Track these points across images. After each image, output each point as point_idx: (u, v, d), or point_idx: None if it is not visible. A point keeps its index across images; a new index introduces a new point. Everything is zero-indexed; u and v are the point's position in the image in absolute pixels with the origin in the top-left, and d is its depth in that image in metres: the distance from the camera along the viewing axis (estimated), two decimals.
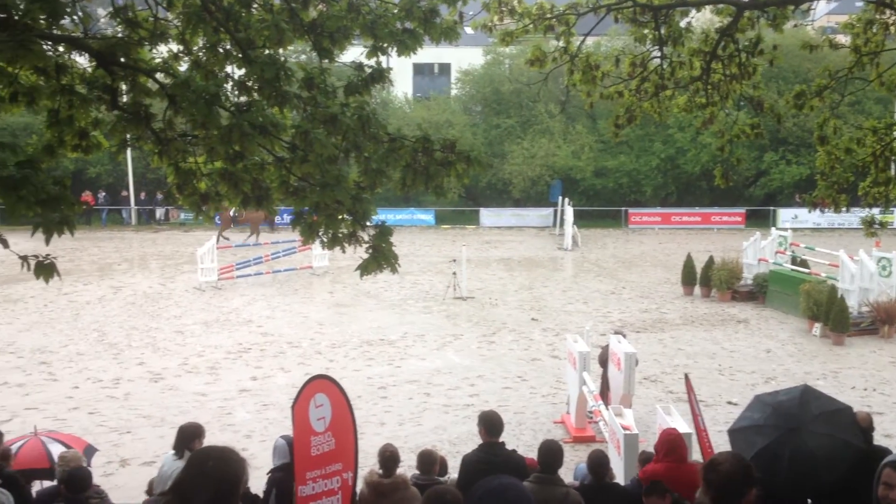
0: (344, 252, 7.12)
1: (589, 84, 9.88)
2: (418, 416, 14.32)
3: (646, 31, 9.65)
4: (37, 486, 8.94)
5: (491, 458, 7.50)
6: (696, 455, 9.20)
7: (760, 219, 40.76)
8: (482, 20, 9.54)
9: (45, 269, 5.98)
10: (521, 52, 36.82)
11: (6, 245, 6.00)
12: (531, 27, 9.41)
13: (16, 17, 5.50)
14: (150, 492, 8.29)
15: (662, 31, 9.55)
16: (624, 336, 13.70)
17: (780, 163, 41.98)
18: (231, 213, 33.24)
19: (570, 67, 9.82)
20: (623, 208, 42.69)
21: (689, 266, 25.46)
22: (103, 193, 41.96)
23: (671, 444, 7.50)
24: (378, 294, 25.02)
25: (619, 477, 9.27)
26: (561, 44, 9.72)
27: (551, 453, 6.89)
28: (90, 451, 9.52)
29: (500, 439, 7.83)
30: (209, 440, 8.36)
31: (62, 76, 6.31)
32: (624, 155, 42.95)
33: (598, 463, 7.52)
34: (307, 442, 6.67)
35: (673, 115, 10.83)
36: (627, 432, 10.10)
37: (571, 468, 10.08)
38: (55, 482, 8.30)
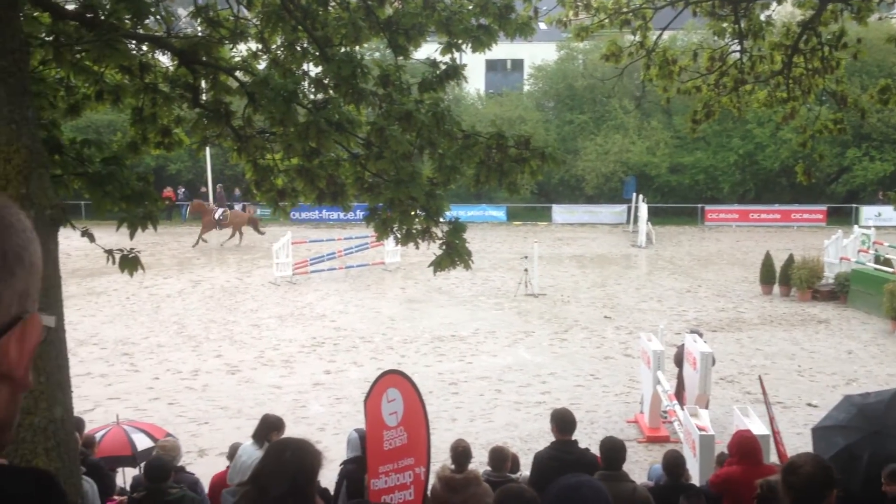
0: (417, 248, 7.15)
1: (666, 79, 9.74)
2: (489, 413, 14.32)
3: (725, 24, 9.47)
4: (120, 475, 9.23)
5: (563, 455, 7.45)
6: (772, 457, 9.00)
7: (842, 216, 39.58)
8: (557, 15, 9.48)
9: (130, 263, 6.17)
10: (596, 48, 36.45)
11: (92, 239, 6.21)
12: (607, 22, 9.32)
13: (102, 17, 5.67)
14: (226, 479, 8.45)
15: (742, 25, 9.35)
16: (700, 335, 13.47)
17: (863, 159, 40.70)
18: (216, 216, 33.52)
19: (647, 62, 9.70)
20: (699, 205, 41.91)
21: (767, 264, 24.86)
22: (182, 189, 42.99)
23: (747, 445, 7.34)
24: (449, 290, 25.08)
25: (695, 478, 9.12)
26: (637, 38, 9.59)
27: (614, 449, 6.82)
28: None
29: (573, 437, 7.78)
30: (285, 432, 8.51)
31: (146, 75, 6.49)
32: (700, 151, 42.17)
33: (675, 463, 7.41)
34: (380, 436, 6.73)
35: (752, 109, 10.59)
36: (703, 433, 9.92)
37: (645, 468, 9.96)
38: (137, 470, 8.55)
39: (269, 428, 8.17)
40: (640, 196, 37.59)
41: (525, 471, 8.31)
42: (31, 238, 1.02)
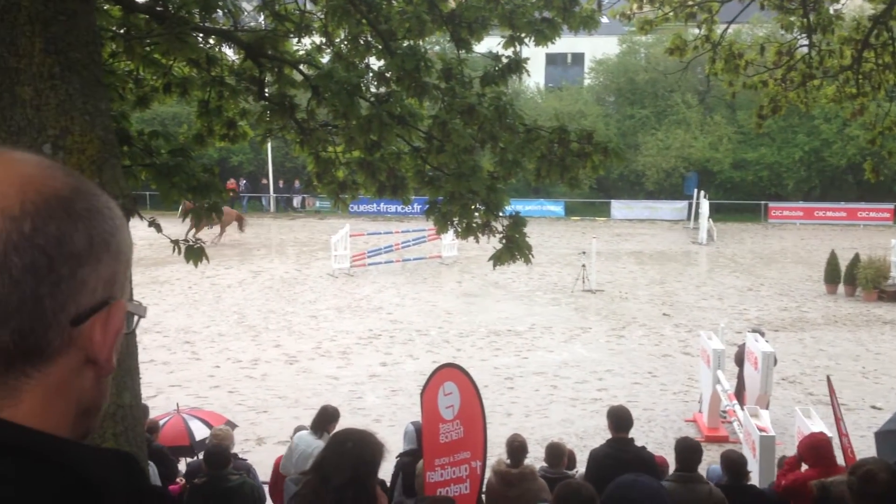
0: (478, 242, 7.16)
1: (731, 73, 9.58)
2: (545, 409, 14.27)
3: (793, 18, 9.26)
4: (182, 463, 9.40)
5: (619, 453, 7.39)
6: (839, 461, 8.80)
7: None
8: (621, 8, 9.39)
9: (195, 254, 6.28)
10: (658, 41, 35.94)
11: (159, 229, 6.34)
12: (671, 15, 9.19)
13: (171, 11, 5.78)
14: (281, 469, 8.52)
15: (811, 19, 9.14)
16: (761, 334, 13.23)
17: None
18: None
19: (712, 56, 9.54)
20: (763, 202, 41.14)
21: (832, 263, 24.29)
22: (244, 181, 43.64)
23: (821, 448, 7.14)
24: (506, 285, 25.03)
25: (755, 479, 8.97)
26: (703, 32, 9.45)
27: (690, 450, 6.72)
28: (229, 426, 9.88)
29: (630, 435, 7.71)
30: (341, 423, 8.59)
31: (213, 68, 6.60)
32: (765, 147, 41.34)
33: (737, 462, 7.28)
34: (436, 429, 6.75)
35: (819, 105, 10.35)
36: (763, 434, 9.75)
37: (703, 468, 9.81)
38: (195, 458, 8.70)
39: (327, 419, 8.25)
40: (702, 192, 37.02)
41: (581, 468, 8.27)
42: (118, 226, 1.05)
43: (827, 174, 41.68)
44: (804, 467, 7.19)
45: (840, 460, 8.80)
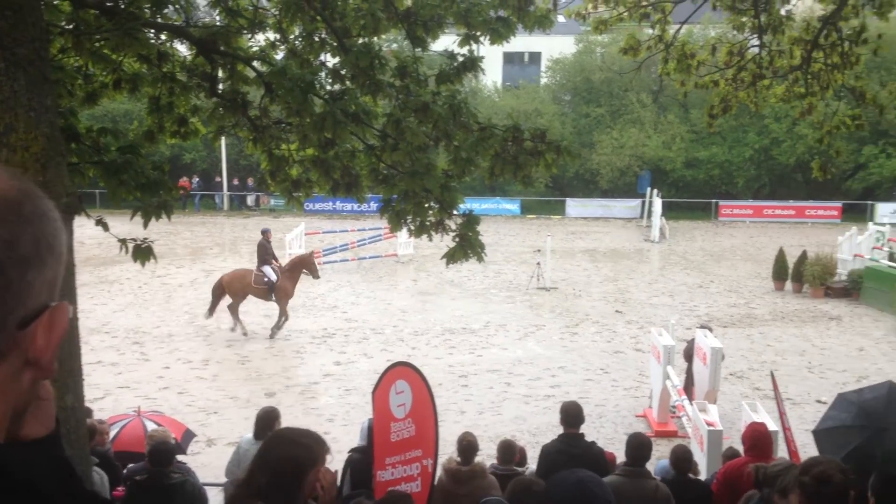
0: (431, 240, 7.15)
1: (684, 73, 9.68)
2: (498, 406, 14.33)
3: (744, 18, 9.39)
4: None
5: (570, 449, 7.48)
6: (781, 453, 8.98)
7: (857, 213, 39.35)
8: (576, 8, 9.45)
9: (143, 253, 6.20)
10: (614, 41, 36.30)
11: (106, 228, 6.23)
12: (626, 15, 9.27)
13: (122, 6, 5.69)
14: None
15: (762, 19, 9.28)
16: (710, 330, 13.43)
17: (879, 156, 40.41)
18: (265, 281, 32.74)
19: (665, 56, 9.64)
20: (714, 200, 41.77)
21: (781, 260, 24.76)
22: (197, 179, 43.13)
23: (759, 438, 7.34)
24: (461, 283, 25.08)
25: (703, 473, 9.11)
26: (656, 32, 9.54)
27: (640, 446, 6.82)
28: (189, 435, 9.71)
29: (581, 431, 7.79)
30: (293, 423, 8.50)
31: (164, 64, 6.51)
32: (716, 146, 41.99)
33: (683, 458, 7.40)
34: (387, 428, 6.74)
35: (769, 105, 10.52)
36: (711, 428, 9.91)
37: (653, 463, 9.93)
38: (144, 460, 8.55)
39: (268, 423, 8.03)
40: (655, 191, 37.48)
41: (532, 464, 8.33)
42: (60, 227, 1.04)
43: (776, 173, 42.47)
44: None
45: (783, 453, 9.00)
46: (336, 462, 5.41)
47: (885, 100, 10.41)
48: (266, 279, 18.74)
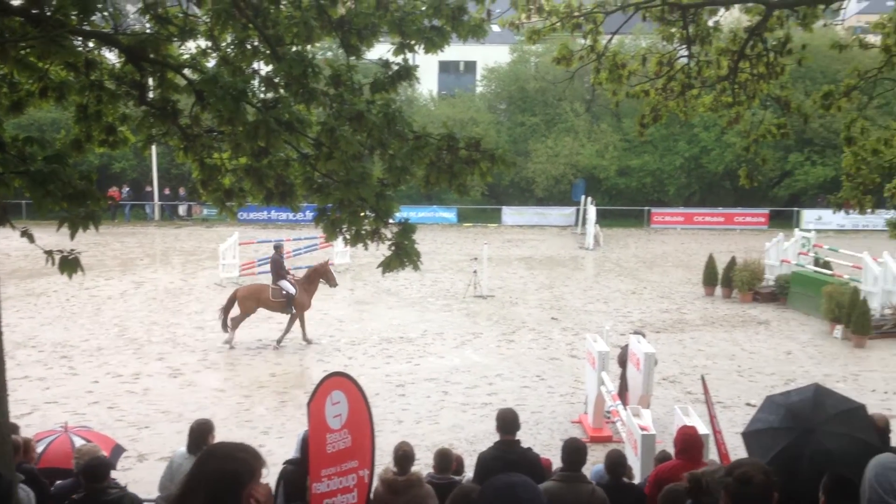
0: (367, 249, 7.12)
1: (615, 83, 9.82)
2: (436, 415, 14.33)
3: (673, 29, 9.56)
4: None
5: (506, 455, 7.53)
6: (712, 456, 9.16)
7: (784, 220, 40.44)
8: (510, 18, 9.51)
9: (70, 265, 6.04)
10: (548, 50, 36.71)
11: (32, 240, 6.06)
12: (558, 25, 9.36)
13: (48, 13, 5.55)
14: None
15: (690, 30, 9.47)
16: (643, 336, 13.65)
17: (805, 164, 41.63)
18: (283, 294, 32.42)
19: (597, 66, 9.77)
20: (646, 208, 42.51)
21: (710, 266, 25.31)
22: (127, 189, 42.21)
23: (689, 441, 7.49)
24: (398, 292, 25.04)
25: (637, 477, 9.24)
26: (588, 42, 9.66)
27: (576, 451, 6.89)
28: (118, 450, 9.48)
29: (517, 437, 7.84)
30: (227, 436, 8.37)
31: (91, 72, 6.36)
32: (648, 154, 42.76)
33: (617, 462, 7.51)
34: (322, 439, 6.68)
35: (698, 114, 10.74)
36: (645, 433, 10.07)
37: (588, 468, 10.02)
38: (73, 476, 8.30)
39: (201, 436, 7.87)
40: (589, 198, 37.98)
41: (469, 472, 8.34)
42: None
43: (706, 180, 43.43)
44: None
45: (714, 456, 9.18)
46: (271, 475, 5.34)
47: (810, 109, 10.70)
48: (284, 292, 18.90)
